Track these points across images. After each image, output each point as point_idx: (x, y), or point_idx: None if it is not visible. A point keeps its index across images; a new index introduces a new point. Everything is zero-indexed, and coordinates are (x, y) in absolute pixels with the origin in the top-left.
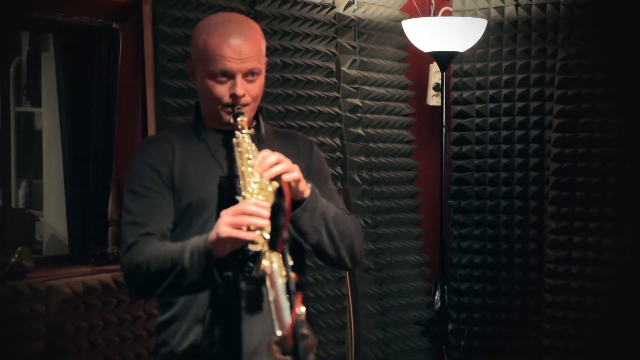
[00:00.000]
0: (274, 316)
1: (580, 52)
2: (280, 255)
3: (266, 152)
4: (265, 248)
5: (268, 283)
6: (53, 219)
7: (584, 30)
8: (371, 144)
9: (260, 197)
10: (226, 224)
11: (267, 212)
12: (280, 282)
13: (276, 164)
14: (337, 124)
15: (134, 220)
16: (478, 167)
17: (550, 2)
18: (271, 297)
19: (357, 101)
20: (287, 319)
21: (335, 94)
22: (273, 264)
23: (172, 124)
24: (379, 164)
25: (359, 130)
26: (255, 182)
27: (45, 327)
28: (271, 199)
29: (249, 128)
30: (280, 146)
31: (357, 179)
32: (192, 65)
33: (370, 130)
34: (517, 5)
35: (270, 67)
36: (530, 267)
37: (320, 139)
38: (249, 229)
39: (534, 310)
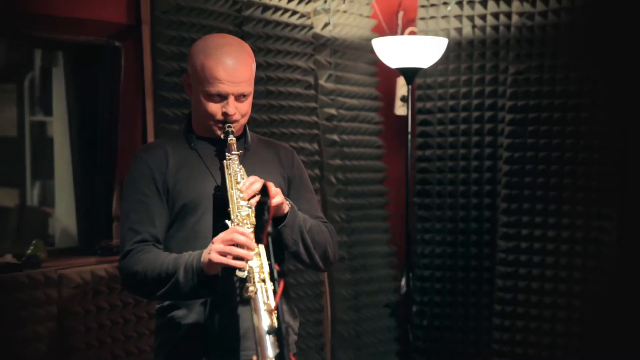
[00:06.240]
0: (256, 340)
1: (528, 68)
2: (265, 250)
3: (252, 179)
4: (252, 275)
5: (252, 307)
6: (64, 215)
7: (531, 49)
8: (345, 149)
9: (247, 223)
10: (216, 251)
11: (254, 244)
12: (263, 308)
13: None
14: (315, 131)
15: (131, 227)
16: (439, 169)
17: (502, 24)
18: (255, 322)
19: (332, 111)
20: (269, 348)
21: (313, 104)
22: (257, 292)
23: (168, 132)
24: (352, 166)
25: (335, 137)
26: (243, 208)
27: (58, 311)
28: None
29: (238, 138)
30: (264, 154)
31: (333, 179)
32: (188, 80)
33: (344, 137)
34: (473, 27)
35: (255, 81)
36: (484, 256)
37: (300, 144)
38: (236, 257)
39: (487, 294)
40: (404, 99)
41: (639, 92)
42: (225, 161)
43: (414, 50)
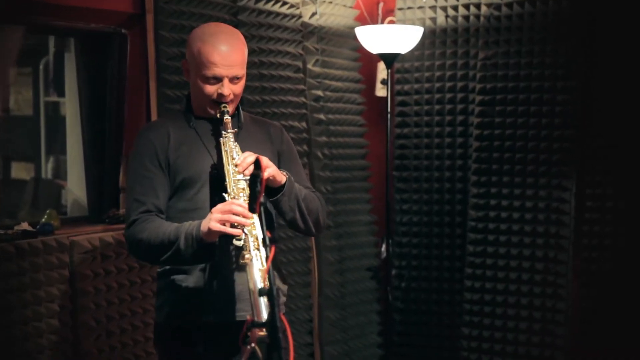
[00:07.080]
0: (251, 302)
1: (495, 54)
2: (258, 219)
3: (247, 154)
4: (247, 244)
5: (248, 272)
6: (75, 187)
7: (498, 37)
8: (331, 127)
9: (242, 196)
10: (216, 220)
11: (249, 214)
12: (258, 275)
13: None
14: (304, 110)
15: (136, 198)
16: (416, 146)
17: (472, 14)
18: (250, 285)
19: (319, 92)
20: (262, 309)
21: (302, 86)
22: (253, 259)
23: (169, 111)
24: (337, 142)
25: (321, 116)
26: (239, 181)
27: (69, 274)
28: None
29: (232, 116)
30: (256, 132)
31: (320, 154)
32: (186, 65)
33: (330, 116)
34: (446, 17)
35: (249, 65)
36: (457, 224)
37: (290, 122)
38: (234, 226)
39: (459, 259)
40: (384, 82)
41: (595, 76)
42: (222, 139)
43: (393, 37)
